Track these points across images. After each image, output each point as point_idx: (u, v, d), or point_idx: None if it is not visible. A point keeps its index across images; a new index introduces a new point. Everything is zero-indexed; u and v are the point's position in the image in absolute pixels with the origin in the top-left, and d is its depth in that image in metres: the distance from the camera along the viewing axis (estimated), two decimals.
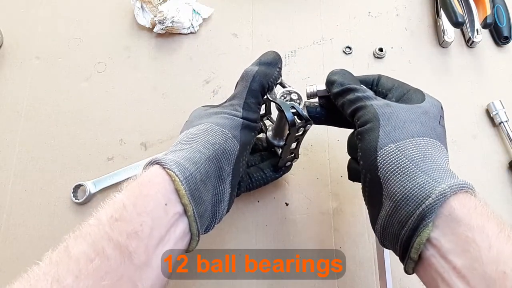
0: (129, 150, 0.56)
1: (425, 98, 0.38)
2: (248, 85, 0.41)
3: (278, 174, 0.49)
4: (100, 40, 0.63)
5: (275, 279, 0.49)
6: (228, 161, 0.38)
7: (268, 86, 0.41)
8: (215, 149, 0.37)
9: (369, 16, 0.64)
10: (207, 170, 0.35)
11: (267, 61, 0.42)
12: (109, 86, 0.60)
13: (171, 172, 0.33)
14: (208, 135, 0.38)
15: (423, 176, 0.31)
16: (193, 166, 0.34)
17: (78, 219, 0.52)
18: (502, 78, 0.60)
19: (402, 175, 0.32)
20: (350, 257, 0.50)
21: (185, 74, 0.60)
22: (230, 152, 0.38)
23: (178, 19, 0.59)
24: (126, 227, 0.30)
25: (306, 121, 0.41)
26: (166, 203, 0.32)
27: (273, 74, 0.42)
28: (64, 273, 0.27)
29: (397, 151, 0.33)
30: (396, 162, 0.33)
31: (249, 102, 0.40)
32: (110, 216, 0.30)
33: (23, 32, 0.63)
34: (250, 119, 0.40)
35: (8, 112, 0.58)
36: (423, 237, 0.29)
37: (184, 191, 0.33)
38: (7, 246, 0.51)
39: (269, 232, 0.51)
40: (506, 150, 0.55)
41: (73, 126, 0.57)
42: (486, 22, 0.58)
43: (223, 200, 0.38)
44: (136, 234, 0.30)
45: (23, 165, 0.55)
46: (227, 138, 0.38)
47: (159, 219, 0.31)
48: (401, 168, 0.32)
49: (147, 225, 0.30)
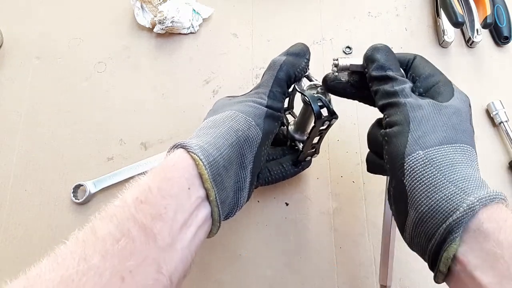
0: (129, 150, 0.56)
1: (454, 94, 0.36)
2: (275, 74, 0.41)
3: (297, 169, 0.48)
4: (100, 40, 0.63)
5: (275, 279, 0.49)
6: (250, 149, 0.38)
7: (295, 76, 0.41)
8: (238, 135, 0.37)
9: (369, 16, 0.64)
10: (229, 156, 0.36)
11: (295, 51, 0.42)
12: (109, 86, 0.60)
13: (196, 156, 0.33)
14: (231, 121, 0.38)
15: (451, 187, 0.30)
16: (216, 151, 0.35)
17: (78, 219, 0.52)
18: (502, 78, 0.60)
19: (429, 185, 0.30)
20: (350, 257, 0.50)
21: (185, 74, 0.60)
22: (253, 139, 0.38)
23: (178, 19, 0.59)
24: (151, 209, 0.30)
25: (332, 115, 0.41)
26: (189, 187, 0.32)
27: (301, 64, 0.41)
28: (91, 252, 0.27)
29: (425, 159, 0.31)
30: (423, 170, 0.31)
31: (275, 91, 0.40)
32: (135, 198, 0.30)
33: (23, 32, 0.63)
34: (274, 108, 0.40)
35: (8, 112, 0.58)
36: (450, 252, 0.28)
37: (207, 176, 0.33)
38: (7, 246, 0.51)
39: (269, 232, 0.51)
40: (506, 150, 0.55)
41: (73, 126, 0.57)
42: (486, 22, 0.58)
43: (244, 187, 0.38)
44: (161, 217, 0.30)
45: (23, 165, 0.55)
46: (250, 126, 0.38)
47: (183, 202, 0.32)
48: (428, 177, 0.31)
49: (171, 208, 0.31)
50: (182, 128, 0.57)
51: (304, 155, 0.48)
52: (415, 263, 0.34)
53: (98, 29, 0.63)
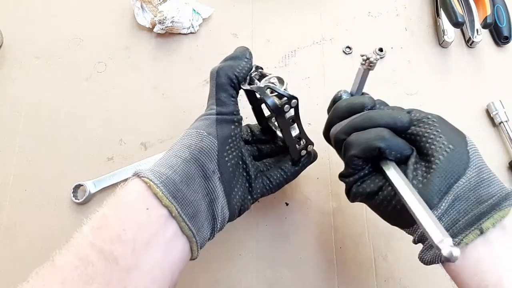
0: (129, 150, 0.56)
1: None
2: (214, 81, 0.41)
3: (297, 168, 0.46)
4: (100, 40, 0.63)
5: (275, 279, 0.49)
6: (209, 158, 0.38)
7: (236, 76, 0.41)
8: (191, 150, 0.37)
9: (369, 16, 0.64)
10: (187, 171, 0.36)
11: (232, 55, 0.43)
12: (109, 86, 0.60)
13: (146, 179, 0.34)
14: (184, 139, 0.39)
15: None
16: (169, 170, 0.35)
17: (78, 219, 0.52)
18: (502, 78, 0.60)
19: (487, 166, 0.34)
20: (350, 257, 0.50)
21: (185, 74, 0.60)
22: (208, 149, 0.38)
23: (178, 19, 0.59)
24: (109, 233, 0.31)
25: (289, 99, 0.40)
26: (147, 207, 0.33)
27: (240, 64, 0.42)
28: (50, 282, 0.28)
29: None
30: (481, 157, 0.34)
31: (220, 97, 0.41)
32: (91, 227, 0.32)
33: (23, 32, 0.63)
34: (224, 113, 0.40)
35: (8, 112, 0.58)
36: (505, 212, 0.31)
37: (162, 194, 0.33)
38: (7, 246, 0.51)
39: (269, 232, 0.51)
40: (506, 150, 0.55)
41: (73, 126, 0.57)
42: (486, 22, 0.58)
43: (217, 197, 0.38)
44: (120, 238, 0.30)
45: (23, 165, 0.55)
46: (203, 137, 0.38)
47: (143, 223, 0.32)
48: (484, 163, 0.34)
49: (130, 229, 0.31)
50: (182, 128, 0.56)
51: (296, 152, 0.45)
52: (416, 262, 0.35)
53: (98, 29, 0.63)
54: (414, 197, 0.32)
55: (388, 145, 0.34)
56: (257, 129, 0.48)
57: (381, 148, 0.34)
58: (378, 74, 0.60)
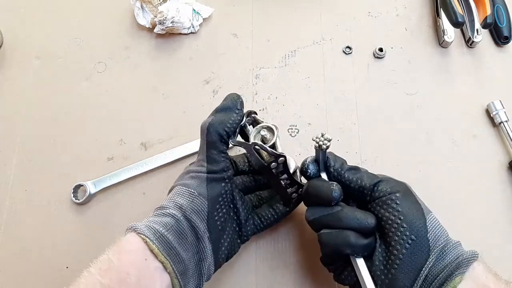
0: (129, 150, 0.56)
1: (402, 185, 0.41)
2: (205, 139, 0.41)
3: (289, 209, 0.47)
4: (100, 40, 0.63)
5: (275, 279, 0.49)
6: (200, 219, 0.39)
7: (226, 132, 0.41)
8: (184, 209, 0.39)
9: (369, 16, 0.64)
10: (180, 230, 0.38)
11: (223, 106, 0.43)
12: (109, 86, 0.60)
13: (143, 235, 0.36)
14: (176, 197, 0.40)
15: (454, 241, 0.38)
16: (162, 228, 0.37)
17: (78, 219, 0.52)
18: (502, 78, 0.60)
19: (445, 239, 0.37)
20: None
21: (185, 74, 0.60)
22: (199, 209, 0.39)
23: (178, 19, 0.59)
24: (115, 275, 0.33)
25: (276, 157, 0.40)
26: (146, 258, 0.35)
27: (230, 119, 0.42)
28: None
29: (437, 220, 0.38)
30: (441, 229, 0.38)
31: (211, 155, 0.41)
32: (98, 268, 0.34)
33: (23, 32, 0.63)
34: (215, 171, 0.41)
35: (8, 112, 0.58)
36: (456, 282, 0.34)
37: (158, 250, 0.36)
38: (7, 246, 0.51)
39: (269, 232, 0.51)
40: (506, 150, 0.55)
41: (73, 126, 0.57)
42: (486, 22, 0.58)
43: (206, 257, 0.39)
44: (125, 281, 0.33)
45: (23, 165, 0.55)
46: (194, 197, 0.39)
47: (143, 270, 0.35)
48: (443, 233, 0.38)
49: (133, 274, 0.34)
50: (182, 128, 0.57)
51: (288, 196, 0.45)
52: None
53: (98, 29, 0.63)
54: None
55: (354, 250, 0.38)
56: None
57: (348, 253, 0.38)
58: (378, 74, 0.60)
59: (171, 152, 0.54)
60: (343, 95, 0.58)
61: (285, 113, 0.57)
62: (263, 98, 0.58)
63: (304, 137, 0.56)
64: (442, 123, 0.57)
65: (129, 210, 0.53)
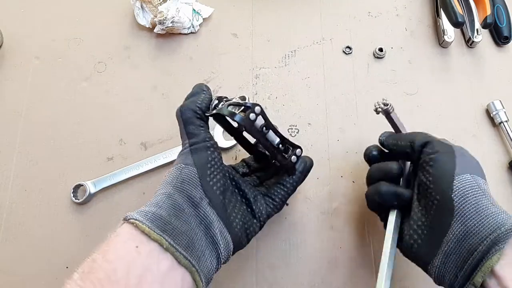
0: (129, 150, 0.56)
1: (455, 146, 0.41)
2: (181, 119, 0.42)
3: (294, 176, 0.45)
4: (100, 40, 0.63)
5: (275, 279, 0.49)
6: (193, 186, 0.38)
7: (199, 107, 0.42)
8: (173, 184, 0.39)
9: (369, 16, 0.64)
10: (173, 204, 0.37)
11: (191, 93, 0.44)
12: (109, 86, 0.60)
13: (133, 220, 0.35)
14: (165, 178, 0.40)
15: (494, 208, 0.35)
16: (154, 208, 0.37)
17: (78, 219, 0.52)
18: (502, 78, 0.60)
19: (477, 203, 0.35)
20: (350, 257, 0.50)
21: (185, 74, 0.60)
22: (189, 177, 0.39)
23: (178, 19, 0.59)
24: (98, 275, 0.32)
25: (251, 107, 0.39)
26: (137, 245, 0.34)
27: (199, 98, 0.43)
28: None
29: (474, 182, 0.36)
30: (473, 190, 0.35)
31: (189, 130, 0.42)
32: (81, 272, 0.32)
33: (23, 32, 0.63)
34: (197, 142, 0.41)
35: (8, 112, 0.58)
36: (493, 261, 0.31)
37: (149, 229, 0.34)
38: (7, 246, 0.51)
39: (269, 232, 0.51)
40: (506, 150, 0.55)
41: (73, 126, 0.57)
42: (486, 22, 0.58)
43: (211, 222, 0.38)
44: (109, 279, 0.31)
45: (23, 165, 0.55)
46: (181, 169, 0.39)
47: (133, 260, 0.33)
48: (476, 196, 0.35)
49: (120, 269, 0.32)
50: None
51: (286, 159, 0.43)
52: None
53: (98, 29, 0.63)
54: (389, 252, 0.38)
55: (383, 199, 0.41)
56: (251, 160, 0.48)
57: (379, 201, 0.41)
58: (378, 74, 0.60)
59: (171, 152, 0.54)
60: (343, 95, 0.58)
61: (285, 113, 0.57)
62: (263, 98, 0.58)
63: (304, 137, 0.56)
64: (442, 123, 0.57)
65: (129, 210, 0.52)
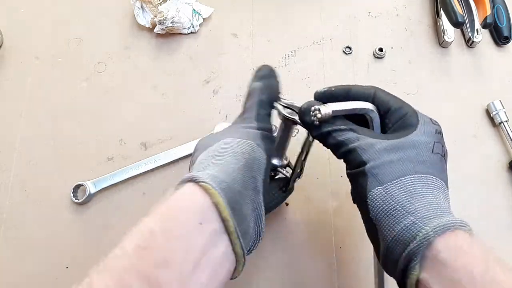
0: (129, 150, 0.56)
1: (418, 127, 0.36)
2: (257, 98, 0.39)
3: (285, 194, 0.47)
4: (100, 40, 0.63)
5: (275, 279, 0.49)
6: (259, 171, 0.35)
7: (275, 97, 0.41)
8: (246, 158, 0.34)
9: (369, 16, 0.64)
10: (243, 181, 0.33)
11: (265, 74, 0.41)
12: (109, 86, 0.60)
13: (207, 185, 0.30)
14: (233, 147, 0.35)
15: (409, 217, 0.31)
16: (228, 177, 0.32)
17: (78, 219, 0.52)
18: (502, 78, 0.60)
19: (390, 217, 0.32)
20: (350, 257, 0.50)
21: (185, 74, 0.60)
22: (260, 161, 0.36)
23: (178, 19, 0.59)
24: (155, 255, 0.27)
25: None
26: (201, 222, 0.29)
27: (276, 85, 0.41)
28: None
29: (384, 194, 0.33)
30: (384, 205, 0.33)
31: (262, 113, 0.39)
32: (136, 245, 0.28)
33: (23, 32, 0.63)
34: (266, 129, 0.38)
35: (8, 112, 0.58)
36: (412, 279, 0.30)
37: (224, 204, 0.30)
38: (7, 246, 0.51)
39: (269, 232, 0.51)
40: (506, 150, 0.55)
41: (73, 126, 0.57)
42: (486, 22, 0.58)
43: (262, 214, 0.35)
44: (167, 263, 0.27)
45: (23, 165, 0.55)
46: (254, 147, 0.36)
47: (194, 241, 0.29)
48: (388, 210, 0.32)
49: (179, 250, 0.28)
50: (182, 128, 0.57)
51: (293, 177, 0.46)
52: None
53: (98, 29, 0.63)
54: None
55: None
56: None
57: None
58: (378, 74, 0.60)
59: (171, 152, 0.54)
60: None
61: None
62: None
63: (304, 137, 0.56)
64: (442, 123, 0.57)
65: (129, 210, 0.53)
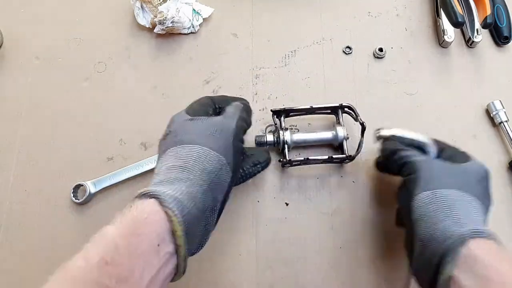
0: (129, 150, 0.56)
1: (469, 161, 0.41)
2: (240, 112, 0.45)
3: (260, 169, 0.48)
4: (100, 40, 0.63)
5: (275, 279, 0.49)
6: (222, 192, 0.38)
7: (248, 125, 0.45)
8: (212, 179, 0.37)
9: (369, 16, 0.64)
10: (203, 204, 0.36)
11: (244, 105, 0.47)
12: (109, 86, 0.60)
13: (170, 212, 0.33)
14: (204, 162, 0.37)
15: (447, 220, 0.35)
16: (191, 202, 0.35)
17: (78, 219, 0.52)
18: (502, 78, 0.60)
19: (430, 218, 0.36)
20: (350, 257, 0.50)
21: (185, 74, 0.60)
22: (223, 184, 0.38)
23: (178, 19, 0.59)
24: (117, 271, 0.30)
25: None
26: (159, 243, 0.32)
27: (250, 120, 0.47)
28: None
29: (430, 198, 0.37)
30: (427, 207, 0.37)
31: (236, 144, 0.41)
32: (100, 258, 0.30)
33: (23, 32, 0.63)
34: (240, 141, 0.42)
35: (8, 112, 0.58)
36: (445, 274, 0.32)
37: (180, 233, 0.33)
38: (7, 246, 0.51)
39: (269, 232, 0.51)
40: (506, 150, 0.55)
41: (73, 126, 0.57)
42: (486, 22, 0.58)
43: (210, 230, 0.39)
44: (126, 279, 0.30)
45: (23, 165, 0.55)
46: (222, 166, 0.38)
47: (151, 260, 0.31)
48: (429, 212, 0.36)
49: (138, 268, 0.30)
50: None
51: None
52: None
53: (98, 29, 0.63)
54: None
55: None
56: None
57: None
58: (378, 74, 0.60)
59: None
60: (343, 95, 0.58)
61: None
62: (263, 98, 0.58)
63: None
64: (442, 123, 0.57)
65: None
